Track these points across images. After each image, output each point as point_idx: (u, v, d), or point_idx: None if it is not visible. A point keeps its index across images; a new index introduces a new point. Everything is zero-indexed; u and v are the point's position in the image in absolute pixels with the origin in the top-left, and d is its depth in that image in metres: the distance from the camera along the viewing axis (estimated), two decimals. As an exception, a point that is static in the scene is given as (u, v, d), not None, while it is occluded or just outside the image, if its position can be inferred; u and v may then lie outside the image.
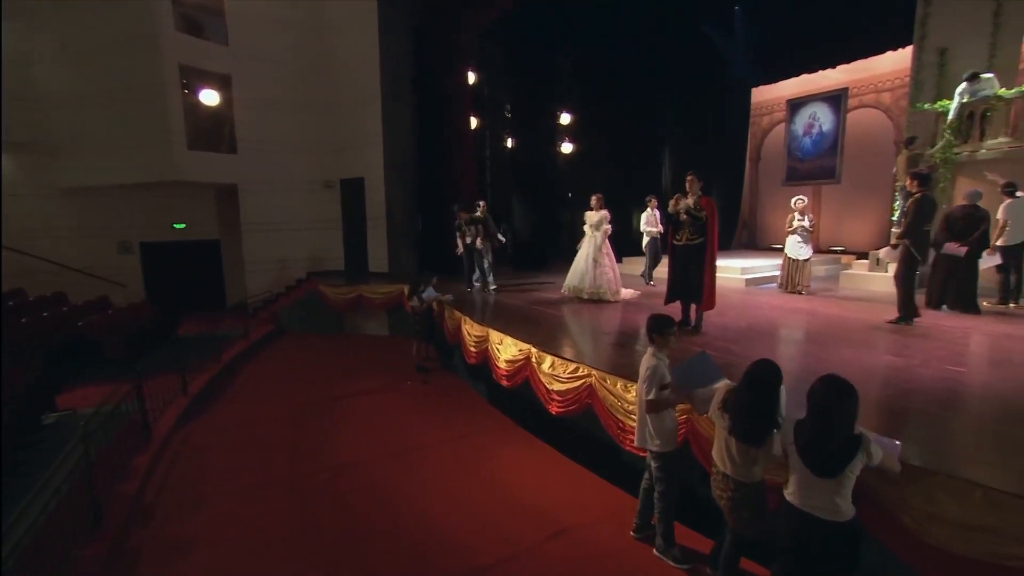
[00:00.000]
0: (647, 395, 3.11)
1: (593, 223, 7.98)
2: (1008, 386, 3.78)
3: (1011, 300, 6.87)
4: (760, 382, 2.55)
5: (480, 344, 6.43)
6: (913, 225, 5.59)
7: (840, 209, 14.43)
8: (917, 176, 5.82)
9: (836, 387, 2.29)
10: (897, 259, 5.84)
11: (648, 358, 3.19)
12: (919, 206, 5.58)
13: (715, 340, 5.28)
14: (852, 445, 2.28)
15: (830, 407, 2.28)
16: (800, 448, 2.37)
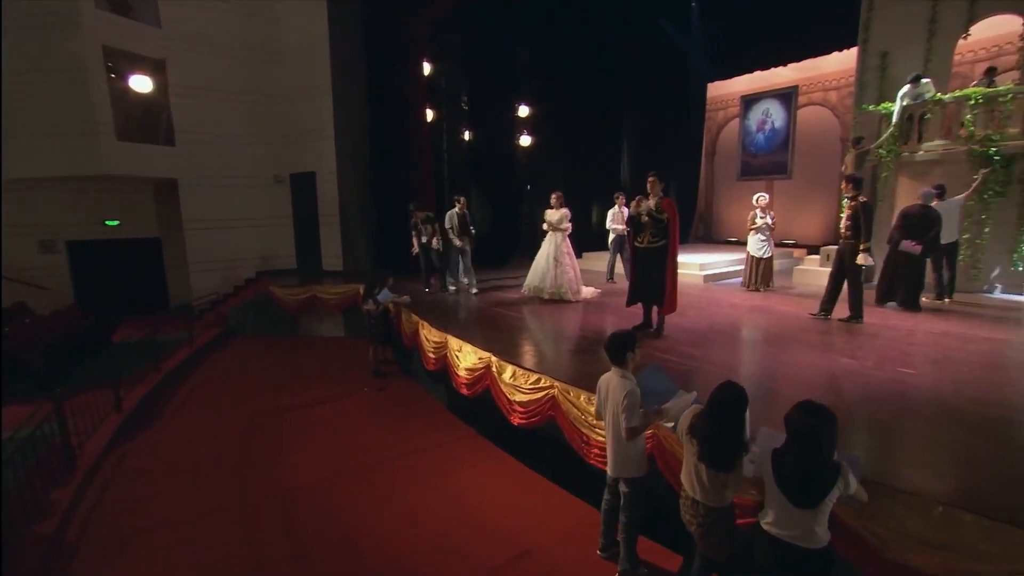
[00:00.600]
0: (631, 423, 2.92)
1: (553, 221, 7.86)
2: (952, 389, 3.90)
3: (945, 296, 7.27)
4: (726, 407, 2.48)
5: (439, 350, 6.22)
6: (870, 228, 5.83)
7: (791, 203, 14.89)
8: (852, 180, 6.01)
9: (815, 415, 2.22)
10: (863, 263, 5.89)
11: (620, 383, 3.01)
12: (870, 211, 5.86)
13: (677, 344, 5.26)
14: (831, 474, 2.23)
15: (811, 436, 2.22)
16: (779, 479, 2.30)
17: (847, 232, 5.87)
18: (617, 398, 2.97)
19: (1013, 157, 7.51)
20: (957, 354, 4.76)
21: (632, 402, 2.91)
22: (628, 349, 3.04)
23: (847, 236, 5.87)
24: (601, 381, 3.19)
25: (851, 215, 5.86)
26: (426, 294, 8.75)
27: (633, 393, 2.93)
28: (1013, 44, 10.19)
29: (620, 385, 2.99)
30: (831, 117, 13.97)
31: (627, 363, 3.04)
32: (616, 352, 3.06)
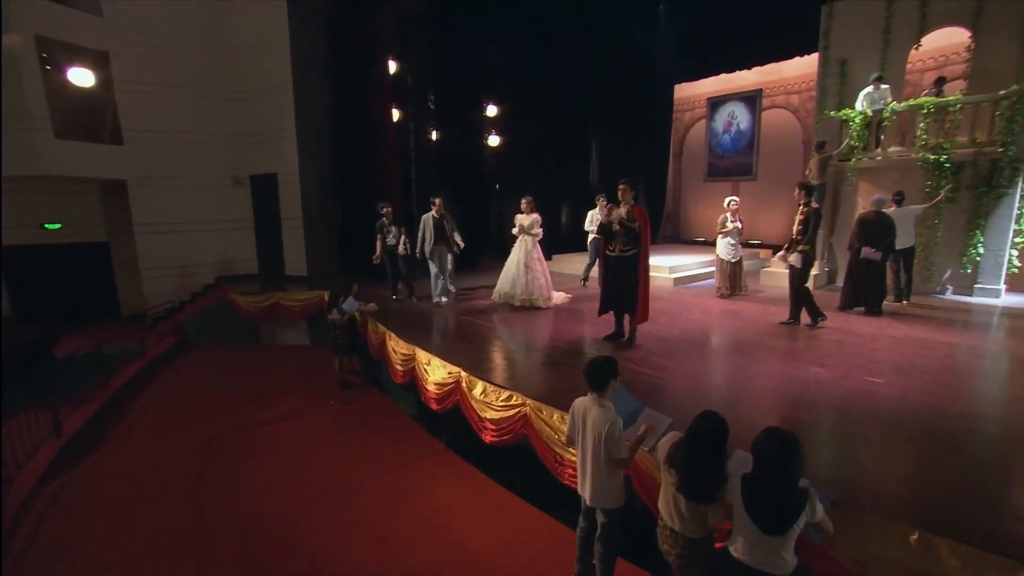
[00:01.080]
0: (618, 455, 2.80)
1: (525, 226, 7.74)
2: (918, 399, 3.96)
3: (903, 298, 7.51)
4: (706, 438, 2.40)
5: (407, 363, 6.02)
6: (815, 233, 6.03)
7: (756, 204, 15.18)
8: (805, 187, 6.13)
9: (781, 442, 2.19)
10: (794, 264, 6.08)
11: (601, 413, 2.85)
12: (818, 218, 6.06)
13: (650, 355, 5.21)
14: (799, 500, 2.20)
15: (777, 463, 2.19)
16: (748, 506, 2.25)
17: (798, 237, 6.02)
18: (599, 429, 2.82)
19: (962, 165, 7.80)
20: (919, 360, 4.86)
21: (618, 435, 2.79)
22: (611, 376, 2.91)
23: (798, 240, 6.02)
24: (576, 406, 3.05)
25: (803, 220, 6.00)
26: (393, 301, 8.50)
27: (617, 424, 2.81)
28: (959, 55, 10.63)
29: (601, 416, 2.84)
30: (793, 120, 14.30)
31: (608, 390, 2.92)
32: (597, 379, 2.91)
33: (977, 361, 4.98)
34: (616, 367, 2.94)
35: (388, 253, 8.46)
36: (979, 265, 7.87)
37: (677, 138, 17.02)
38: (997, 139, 7.51)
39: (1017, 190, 7.63)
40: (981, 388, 4.27)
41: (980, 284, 7.89)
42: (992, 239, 7.73)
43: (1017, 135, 7.40)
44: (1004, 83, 8.30)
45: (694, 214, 17.14)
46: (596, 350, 5.45)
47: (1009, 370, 4.73)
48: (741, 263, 8.45)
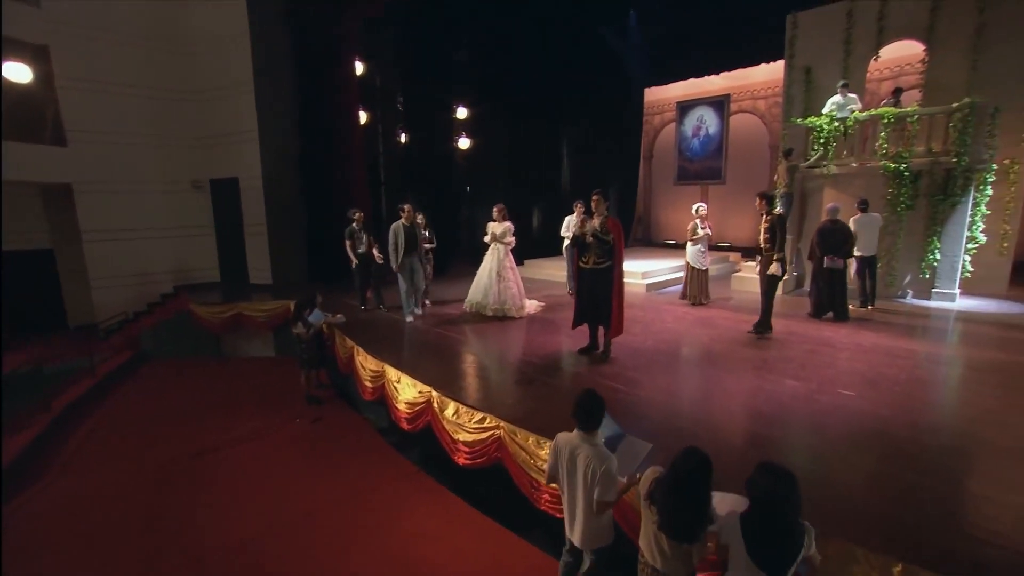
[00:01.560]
0: (608, 497, 2.65)
1: (497, 235, 7.59)
2: (890, 413, 4.01)
3: (868, 304, 7.70)
4: (689, 477, 2.30)
5: (376, 380, 5.80)
6: (784, 239, 6.06)
7: (725, 207, 15.44)
8: (764, 197, 6.18)
9: (778, 479, 2.11)
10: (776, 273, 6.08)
11: (594, 452, 2.67)
12: (783, 224, 6.10)
13: (624, 369, 5.15)
14: (799, 537, 2.14)
15: (776, 502, 2.10)
16: (750, 548, 2.16)
17: (766, 245, 6.08)
18: (592, 469, 2.65)
19: (920, 173, 8.03)
20: (888, 371, 4.95)
21: (612, 475, 2.64)
22: (602, 415, 2.76)
23: (767, 249, 6.07)
24: (560, 444, 2.86)
25: (768, 228, 6.06)
26: (362, 312, 8.24)
27: (613, 463, 2.65)
28: (912, 66, 11.03)
29: (596, 455, 2.65)
30: (760, 124, 14.58)
31: (598, 430, 2.76)
32: (588, 418, 2.72)
33: (940, 370, 5.10)
34: (599, 407, 2.77)
35: (360, 259, 8.20)
36: (936, 270, 8.13)
37: (647, 141, 17.17)
38: (951, 149, 7.76)
39: (970, 198, 7.91)
40: (946, 400, 4.35)
41: (937, 288, 8.15)
42: (947, 245, 7.99)
43: (969, 146, 7.65)
44: (956, 95, 8.60)
45: (664, 216, 17.34)
46: (571, 365, 5.37)
47: (968, 378, 4.85)
48: (707, 273, 8.39)
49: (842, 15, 9.68)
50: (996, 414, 3.99)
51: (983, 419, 3.91)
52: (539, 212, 14.40)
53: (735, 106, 14.85)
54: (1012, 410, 4.03)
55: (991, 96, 7.99)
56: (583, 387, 2.89)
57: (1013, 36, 8.25)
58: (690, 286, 8.40)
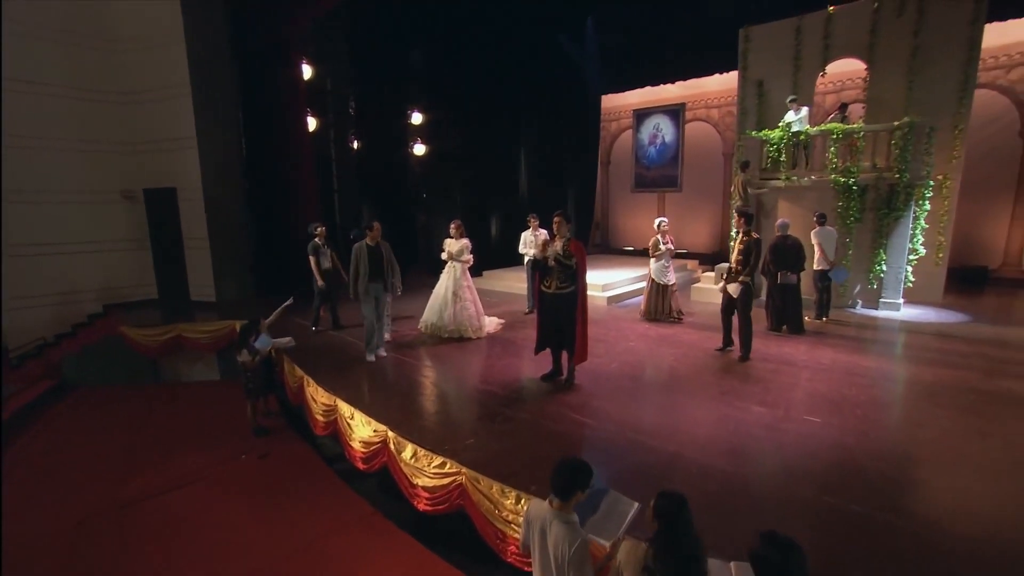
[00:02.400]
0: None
1: (453, 252, 7.32)
2: (855, 442, 4.02)
3: (824, 316, 7.85)
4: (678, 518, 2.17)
5: (329, 415, 5.43)
6: (755, 264, 5.95)
7: (682, 214, 15.68)
8: (744, 215, 6.08)
9: (783, 550, 1.97)
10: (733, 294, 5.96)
11: (565, 531, 2.38)
12: (759, 247, 5.95)
13: (590, 397, 5.01)
14: None
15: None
16: None
17: (738, 267, 5.88)
18: (562, 550, 2.38)
19: (867, 187, 8.31)
20: (849, 392, 5.02)
21: (583, 556, 2.39)
22: (579, 487, 2.46)
23: (738, 271, 5.88)
24: (532, 515, 2.54)
25: (743, 250, 5.87)
26: (313, 333, 7.79)
27: (585, 546, 2.37)
28: (853, 80, 11.50)
29: (566, 535, 2.36)
30: (714, 133, 14.88)
31: (572, 502, 2.49)
32: (564, 488, 2.43)
33: (896, 390, 5.20)
34: (586, 477, 2.48)
35: (323, 278, 7.75)
36: (883, 281, 8.44)
37: (604, 147, 17.26)
38: (894, 166, 8.07)
39: (911, 212, 8.25)
40: (905, 426, 4.38)
41: (884, 298, 8.48)
42: (892, 257, 8.31)
43: (910, 163, 7.98)
44: (896, 112, 8.98)
45: (623, 222, 17.49)
46: (535, 394, 5.17)
47: (922, 399, 4.96)
48: (672, 288, 8.18)
49: (791, 31, 9.94)
50: (952, 437, 4.07)
51: (942, 445, 3.97)
52: (497, 220, 14.19)
53: (690, 114, 15.11)
54: (968, 435, 4.12)
55: (926, 114, 8.39)
56: (548, 421, 2.66)
57: (943, 59, 8.68)
58: (650, 301, 8.25)
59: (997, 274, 11.11)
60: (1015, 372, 5.55)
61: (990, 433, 4.11)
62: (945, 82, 8.71)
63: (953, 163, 8.82)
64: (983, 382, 5.27)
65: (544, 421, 4.50)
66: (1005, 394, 4.96)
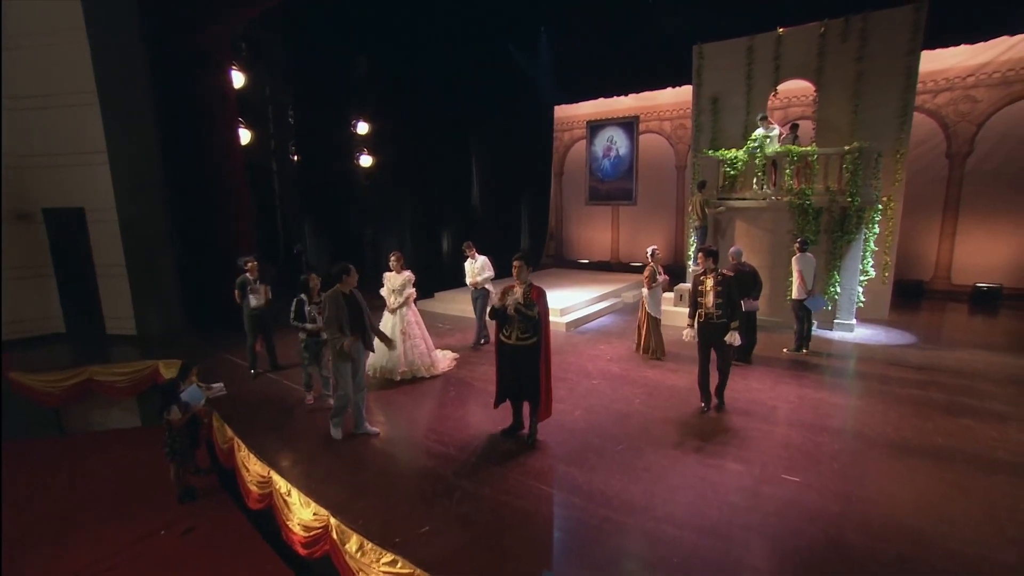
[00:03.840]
0: None
1: (395, 288, 6.74)
2: (839, 511, 3.81)
3: (805, 347, 7.52)
4: None
5: (264, 487, 4.76)
6: (736, 305, 5.41)
7: (635, 226, 15.66)
8: (709, 253, 5.44)
9: None
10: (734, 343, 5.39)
11: None
12: (734, 285, 5.44)
13: (555, 461, 4.60)
14: None
15: None
16: None
17: (716, 310, 5.26)
18: None
19: (821, 210, 8.36)
20: (822, 439, 4.88)
21: None
22: None
23: (718, 315, 5.26)
24: None
25: (721, 292, 5.24)
26: (251, 378, 7.01)
27: None
28: (799, 97, 11.75)
29: None
30: (667, 145, 14.90)
31: None
32: None
33: (868, 433, 5.04)
34: None
35: (252, 317, 6.96)
36: (837, 303, 8.52)
37: (558, 157, 17.03)
38: (846, 189, 8.15)
39: (862, 235, 8.37)
40: (886, 482, 4.20)
41: (839, 320, 8.57)
42: (846, 279, 8.41)
43: (860, 187, 8.07)
44: (843, 135, 9.13)
45: (577, 234, 17.31)
46: (495, 458, 4.68)
47: (894, 445, 4.86)
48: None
49: (743, 50, 9.95)
50: (932, 497, 3.94)
51: (925, 509, 3.81)
52: (448, 235, 13.63)
53: (643, 126, 15.07)
54: (949, 494, 4.00)
55: (870, 138, 8.54)
56: (511, 497, 2.20)
57: (884, 85, 8.89)
58: (647, 337, 7.48)
59: (930, 286, 11.63)
60: (970, 407, 5.59)
61: (969, 490, 4.00)
62: (887, 107, 8.92)
63: (896, 186, 9.05)
64: (946, 420, 5.26)
65: (507, 497, 4.05)
66: (968, 434, 4.95)
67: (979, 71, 10.60)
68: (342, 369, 4.98)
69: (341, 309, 4.89)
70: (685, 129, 14.24)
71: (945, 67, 10.72)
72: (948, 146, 11.07)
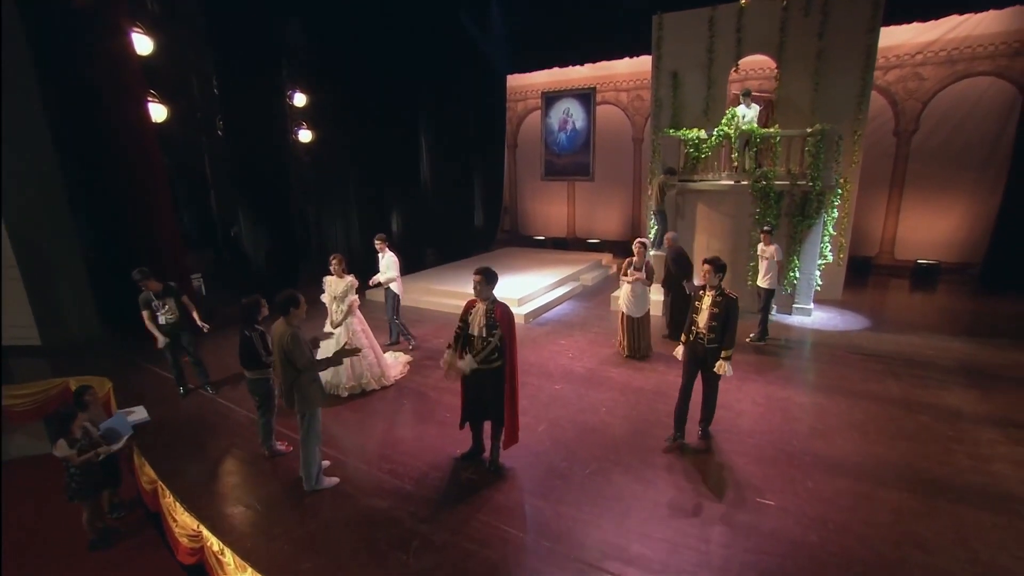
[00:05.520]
0: None
1: (337, 295, 6.08)
2: (815, 538, 3.67)
3: (764, 339, 7.45)
4: None
5: (195, 542, 4.18)
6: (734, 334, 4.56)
7: (592, 201, 15.30)
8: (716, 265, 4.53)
9: None
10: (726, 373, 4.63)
11: None
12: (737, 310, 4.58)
13: (520, 494, 4.25)
14: None
15: None
16: None
17: (710, 334, 4.48)
18: None
19: (782, 194, 8.21)
20: (791, 448, 4.77)
21: None
22: None
23: (710, 338, 4.49)
24: None
25: (717, 314, 4.43)
26: (180, 400, 6.25)
27: None
28: (755, 71, 11.49)
29: None
30: (623, 117, 14.44)
31: None
32: None
33: (836, 441, 4.98)
34: None
35: (167, 332, 6.11)
36: (796, 287, 8.52)
37: (511, 128, 16.29)
38: (807, 173, 8.00)
39: (822, 219, 8.31)
40: (858, 502, 4.08)
41: (797, 304, 8.59)
42: (805, 264, 8.38)
43: (822, 170, 7.94)
44: (804, 114, 8.94)
45: (532, 209, 16.81)
46: (455, 493, 4.29)
47: (861, 453, 4.81)
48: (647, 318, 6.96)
49: (705, 21, 9.49)
50: (906, 519, 3.87)
51: (901, 536, 3.73)
52: (397, 215, 12.82)
53: (599, 97, 14.50)
54: (918, 514, 3.94)
55: (829, 118, 8.38)
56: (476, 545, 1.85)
57: (844, 64, 8.69)
58: (628, 337, 6.98)
59: (875, 261, 11.96)
60: (925, 400, 5.66)
61: (937, 511, 3.94)
62: (846, 86, 8.76)
63: (852, 167, 9.01)
64: (907, 418, 5.29)
65: (470, 544, 3.67)
66: (927, 434, 4.98)
67: (927, 48, 10.64)
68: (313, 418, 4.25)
69: (307, 345, 4.13)
70: (642, 101, 13.81)
71: (896, 43, 10.68)
72: (896, 123, 11.19)
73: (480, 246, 14.77)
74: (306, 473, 4.34)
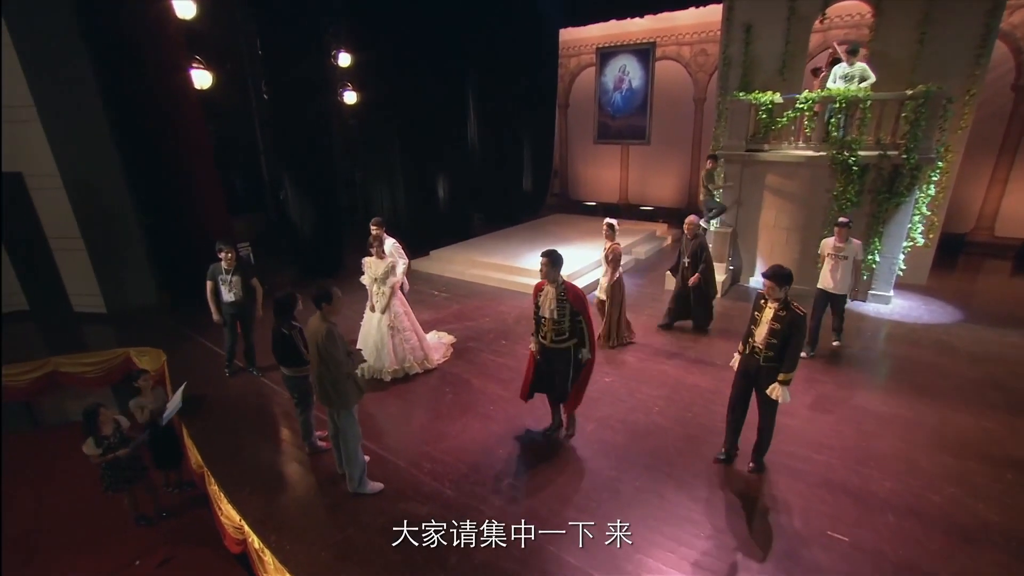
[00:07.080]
0: None
1: (378, 276, 5.84)
2: None
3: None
4: None
5: (239, 534, 4.24)
6: (796, 357, 3.97)
7: (648, 166, 14.40)
8: (785, 280, 3.87)
9: None
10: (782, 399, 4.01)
11: None
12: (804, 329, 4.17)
13: (564, 506, 4.00)
14: None
15: None
16: None
17: (767, 351, 3.93)
18: None
19: (867, 167, 7.27)
20: (867, 471, 4.29)
21: None
22: None
23: (766, 355, 3.95)
24: None
25: (778, 330, 3.86)
26: (224, 379, 6.34)
27: None
28: (842, 17, 10.04)
29: None
30: (685, 75, 13.27)
31: None
32: None
33: (920, 462, 4.45)
34: None
35: (228, 314, 6.10)
36: (875, 272, 7.66)
37: (563, 87, 15.34)
38: (901, 143, 6.99)
39: (914, 197, 7.33)
40: (957, 542, 3.64)
41: (874, 291, 7.76)
42: (888, 247, 7.50)
43: (921, 140, 6.90)
44: (902, 71, 7.76)
45: (583, 172, 16.03)
46: (497, 500, 4.10)
47: (953, 480, 4.26)
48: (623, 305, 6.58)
49: (786, -36, 8.27)
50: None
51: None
52: (445, 181, 12.42)
53: (658, 51, 13.30)
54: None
55: (935, 75, 7.20)
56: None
57: (962, 5, 7.33)
58: (609, 325, 6.59)
59: (969, 238, 10.67)
60: (1035, 416, 4.94)
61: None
62: (961, 35, 7.41)
63: (959, 133, 7.82)
64: (1014, 441, 4.62)
65: (510, 564, 3.50)
66: (1037, 462, 4.33)
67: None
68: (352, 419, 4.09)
69: (342, 341, 3.97)
70: (707, 56, 12.56)
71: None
72: (1017, 76, 9.59)
73: (529, 212, 14.26)
74: (350, 473, 4.25)
